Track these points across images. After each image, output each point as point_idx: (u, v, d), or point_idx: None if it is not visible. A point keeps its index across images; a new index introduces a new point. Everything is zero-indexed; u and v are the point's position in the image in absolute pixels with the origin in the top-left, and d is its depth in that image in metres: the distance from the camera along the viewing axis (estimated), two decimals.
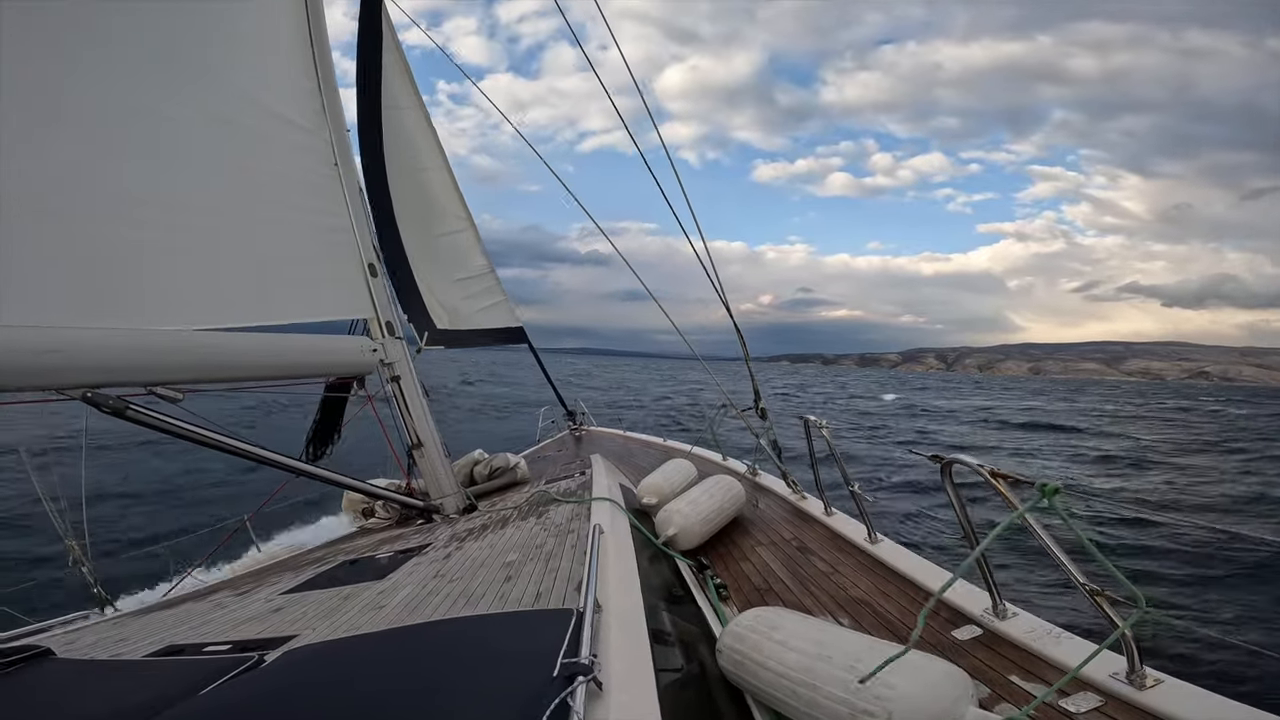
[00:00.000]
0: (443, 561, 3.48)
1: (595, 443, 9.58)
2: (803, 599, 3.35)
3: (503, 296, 7.94)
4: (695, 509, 4.31)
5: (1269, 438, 26.90)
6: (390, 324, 5.24)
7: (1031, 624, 2.65)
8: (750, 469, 6.15)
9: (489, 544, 3.69)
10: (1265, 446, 22.99)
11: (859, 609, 3.14)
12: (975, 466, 2.42)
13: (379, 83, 7.54)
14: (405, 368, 5.26)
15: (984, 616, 2.75)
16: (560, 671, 1.55)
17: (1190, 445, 23.76)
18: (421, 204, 7.51)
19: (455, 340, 7.38)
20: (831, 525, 4.33)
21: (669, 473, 5.20)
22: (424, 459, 5.42)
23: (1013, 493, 2.29)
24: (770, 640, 2.34)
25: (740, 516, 4.82)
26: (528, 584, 2.69)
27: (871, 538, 3.86)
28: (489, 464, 6.42)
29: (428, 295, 7.07)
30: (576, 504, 4.16)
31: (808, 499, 5.00)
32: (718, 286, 5.83)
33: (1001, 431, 28.84)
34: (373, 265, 5.18)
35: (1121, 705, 2.08)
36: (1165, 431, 29.04)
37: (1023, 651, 2.50)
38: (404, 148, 7.63)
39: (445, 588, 2.89)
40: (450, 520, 5.14)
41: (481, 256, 7.79)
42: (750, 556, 4.13)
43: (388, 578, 3.35)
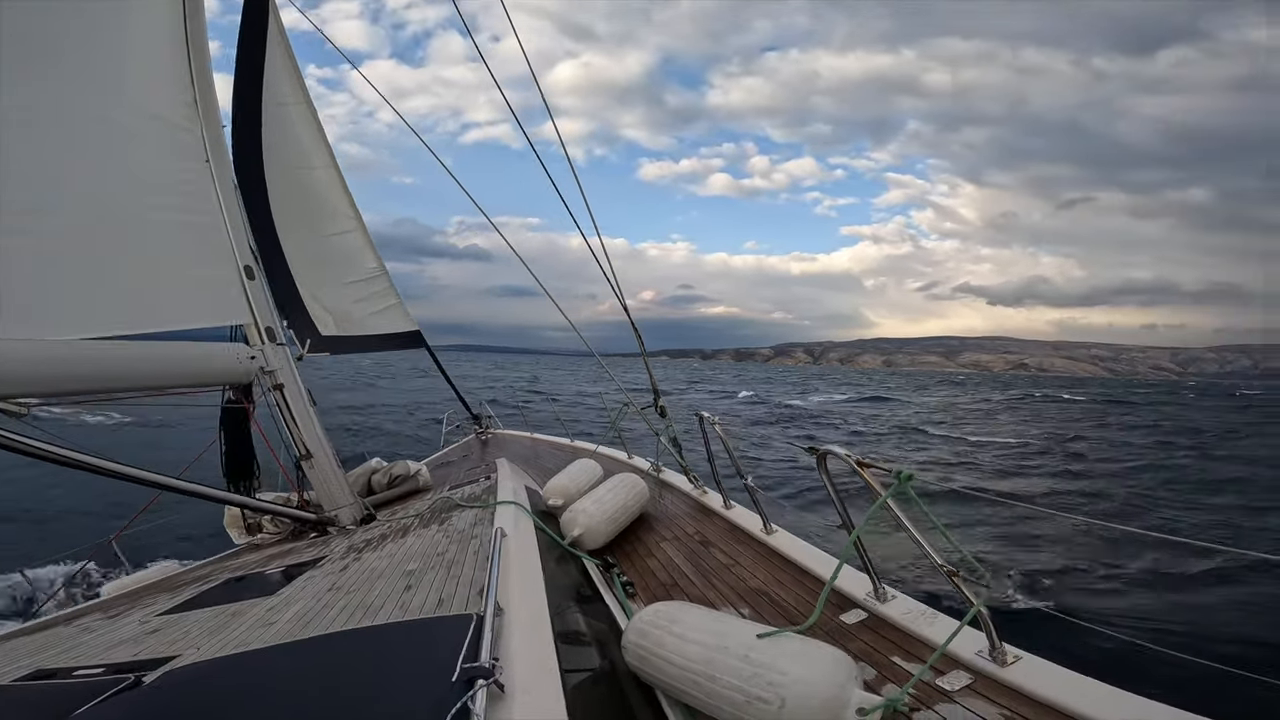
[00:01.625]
0: (339, 574, 3.35)
1: (502, 446, 9.44)
2: (706, 592, 3.43)
3: (396, 299, 7.65)
4: (600, 508, 4.34)
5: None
6: (270, 330, 4.96)
7: (908, 606, 2.80)
8: (654, 466, 6.25)
9: (388, 554, 3.59)
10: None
11: (758, 599, 3.24)
12: (844, 456, 2.59)
13: (260, 77, 7.10)
14: (289, 375, 5.00)
15: (867, 600, 2.88)
16: (460, 676, 1.55)
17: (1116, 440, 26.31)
18: (306, 204, 7.12)
19: (344, 346, 7.05)
20: (731, 518, 4.45)
21: (574, 473, 5.22)
22: (314, 470, 5.17)
23: (878, 480, 2.46)
24: (670, 634, 2.39)
25: (645, 513, 4.89)
26: (429, 592, 2.64)
27: (767, 529, 4.00)
28: (388, 472, 6.21)
29: (310, 300, 6.71)
30: (480, 509, 4.11)
31: (709, 493, 5.10)
32: (613, 282, 5.88)
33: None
34: (249, 268, 4.88)
35: (989, 682, 2.20)
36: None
37: (902, 633, 2.65)
38: (287, 145, 7.20)
39: (341, 600, 2.79)
40: (347, 532, 4.93)
41: (373, 258, 7.47)
42: (655, 553, 4.19)
43: (279, 593, 3.18)
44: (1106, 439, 24.43)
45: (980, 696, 2.16)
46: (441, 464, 8.86)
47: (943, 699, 2.18)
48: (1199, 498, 13.03)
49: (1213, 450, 20.74)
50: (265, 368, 4.82)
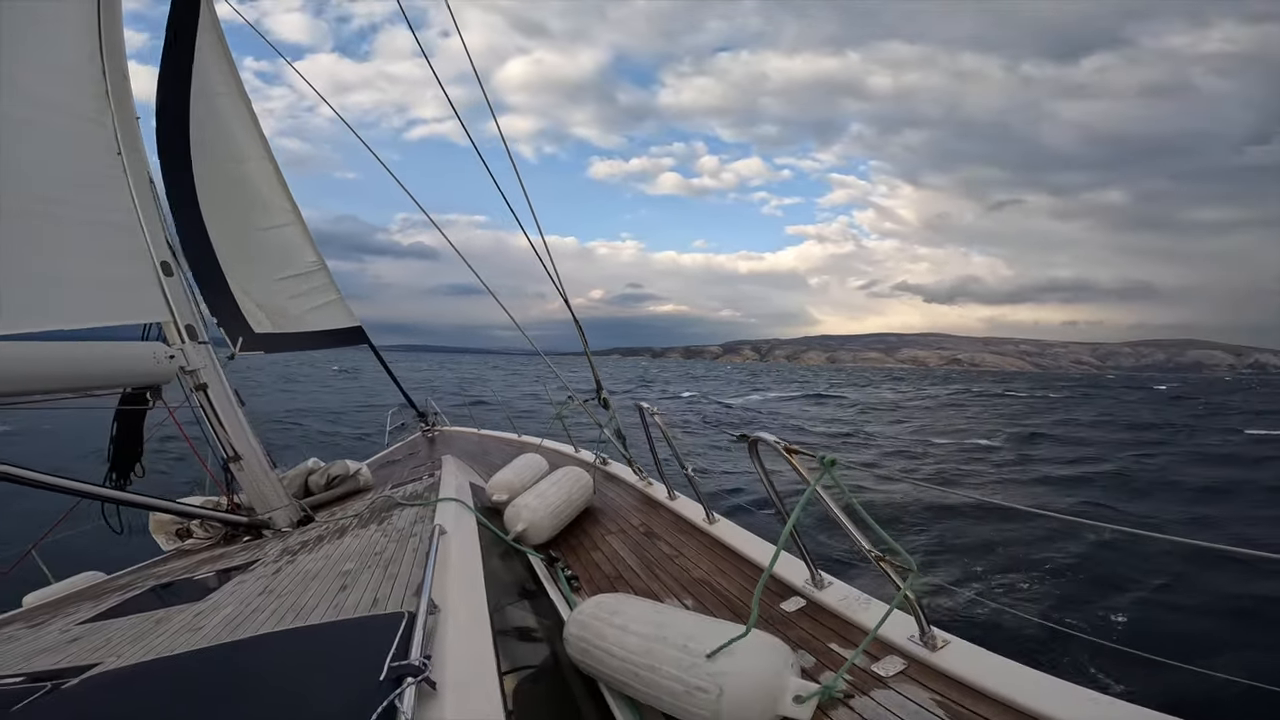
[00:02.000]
0: (271, 577, 3.24)
1: (449, 443, 9.33)
2: (650, 584, 3.45)
3: (336, 295, 7.43)
4: (543, 502, 4.32)
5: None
6: (191, 327, 4.76)
7: (844, 592, 2.85)
8: (599, 459, 6.24)
9: (324, 555, 3.48)
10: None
11: (700, 589, 3.26)
12: (773, 443, 2.64)
13: (189, 68, 6.81)
14: (213, 375, 4.82)
15: (805, 587, 2.92)
16: (388, 675, 1.51)
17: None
18: (237, 198, 6.87)
19: (280, 344, 6.82)
20: (675, 509, 4.48)
21: (519, 468, 5.18)
22: (244, 472, 5.01)
23: (805, 467, 2.50)
24: (611, 626, 2.39)
25: (591, 507, 4.88)
26: (364, 592, 2.58)
27: (709, 518, 4.04)
28: (325, 472, 6.06)
29: (242, 296, 6.47)
30: (421, 507, 4.03)
31: (653, 485, 5.13)
32: (557, 281, 5.86)
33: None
34: (167, 264, 4.66)
35: (921, 667, 2.25)
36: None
37: (838, 619, 2.69)
38: (217, 138, 6.93)
39: (272, 604, 2.70)
40: (282, 535, 4.79)
41: (311, 252, 7.24)
42: (600, 546, 4.20)
43: (207, 598, 3.07)
44: (1075, 436, 24.83)
45: (913, 682, 2.20)
46: (385, 463, 8.70)
47: (878, 685, 2.21)
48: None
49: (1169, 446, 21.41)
50: (186, 367, 4.64)
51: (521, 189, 5.90)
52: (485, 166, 5.92)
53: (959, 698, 2.06)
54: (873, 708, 2.10)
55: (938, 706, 2.04)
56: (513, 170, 5.79)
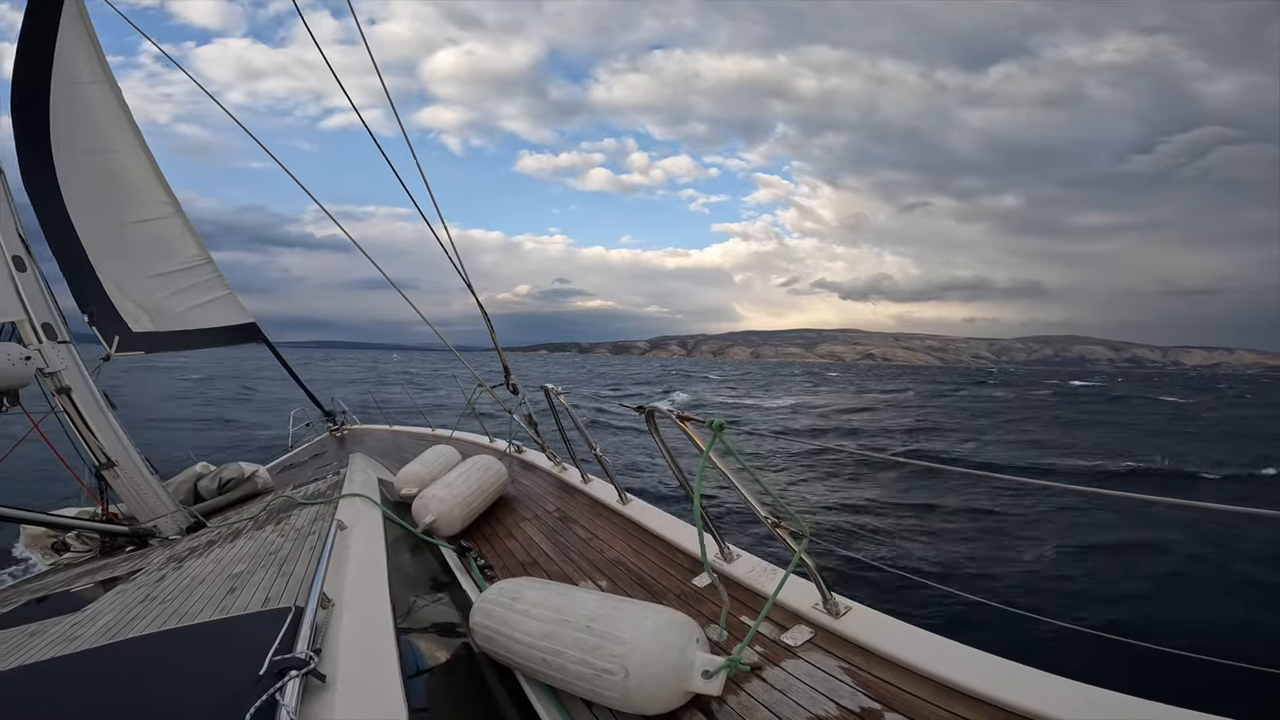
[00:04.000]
0: (154, 585, 3.09)
1: (360, 442, 9.00)
2: (564, 567, 3.41)
3: (225, 290, 7.00)
4: (452, 493, 4.22)
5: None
6: (50, 326, 4.43)
7: (752, 564, 2.83)
8: (514, 447, 6.16)
9: (214, 560, 3.35)
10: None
11: (614, 569, 3.23)
12: (666, 412, 2.64)
13: (50, 54, 6.26)
14: (76, 376, 4.50)
15: (716, 561, 2.87)
16: (269, 669, 1.47)
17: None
18: (107, 191, 6.37)
19: (162, 343, 6.41)
20: (590, 492, 4.44)
21: (429, 460, 5.07)
22: (120, 479, 4.71)
23: (699, 433, 2.49)
24: (514, 612, 2.34)
25: (506, 495, 4.80)
26: (255, 592, 2.49)
27: (622, 499, 4.01)
28: (216, 476, 5.76)
29: (116, 294, 6.04)
30: (323, 505, 3.90)
31: (568, 470, 5.06)
32: (461, 271, 5.76)
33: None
34: (19, 259, 4.32)
35: (827, 635, 2.23)
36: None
37: (747, 590, 2.67)
38: (82, 128, 6.38)
39: (154, 611, 2.58)
40: (169, 542, 4.55)
41: (194, 246, 6.79)
42: (515, 533, 4.13)
43: (84, 609, 2.91)
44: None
45: (820, 650, 2.19)
46: (289, 465, 8.36)
47: (788, 655, 2.20)
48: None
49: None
50: (45, 369, 4.31)
51: (423, 180, 5.74)
52: (386, 159, 5.75)
53: (864, 664, 2.06)
54: (783, 678, 2.09)
55: (844, 674, 2.04)
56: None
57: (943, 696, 1.83)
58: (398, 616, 2.26)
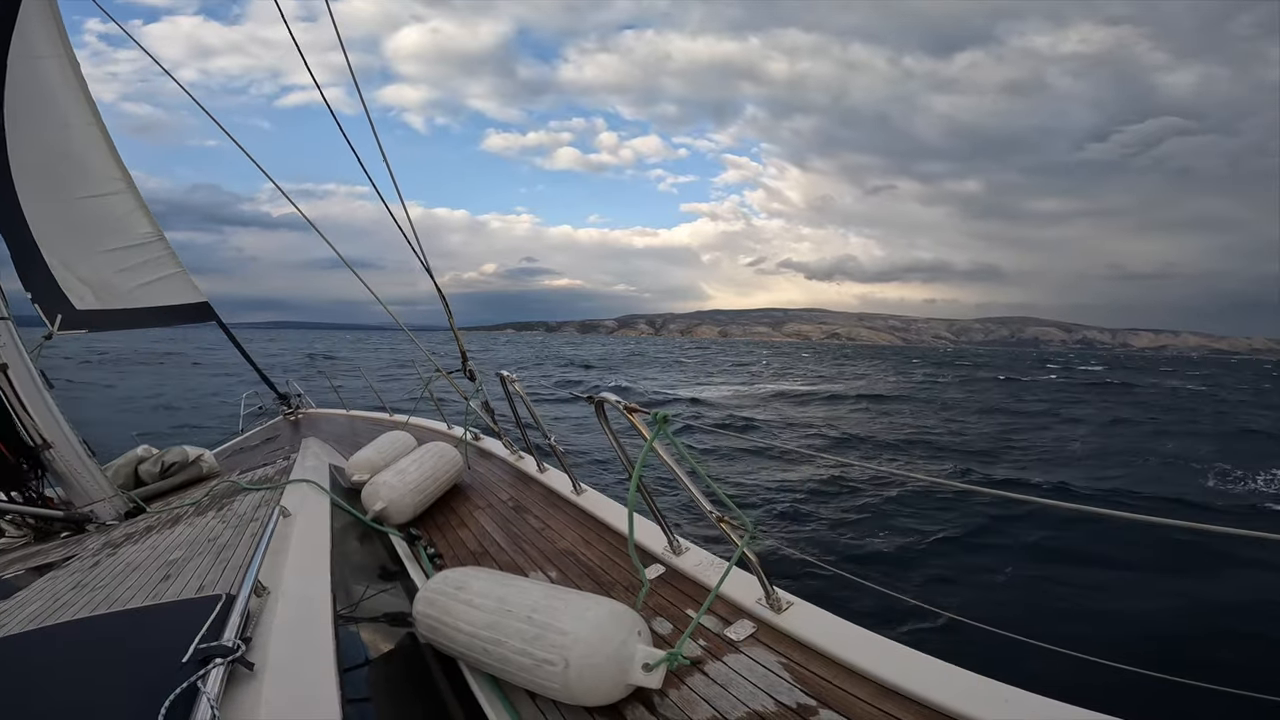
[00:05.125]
0: (87, 571, 3.00)
1: (315, 426, 8.85)
2: (515, 558, 3.38)
3: (177, 268, 6.81)
4: (403, 479, 4.15)
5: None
6: None
7: (699, 557, 2.84)
8: (471, 434, 6.08)
9: (150, 546, 3.25)
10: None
11: (565, 560, 3.22)
12: (614, 402, 2.61)
13: (10, 27, 6.05)
14: (13, 354, 4.33)
15: (664, 554, 2.89)
16: (193, 656, 1.42)
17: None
18: (57, 165, 6.17)
19: (107, 322, 6.23)
20: (545, 481, 4.40)
21: (382, 446, 5.00)
22: (56, 462, 4.56)
23: (646, 424, 2.47)
24: (458, 601, 2.32)
25: (460, 484, 4.75)
26: (190, 579, 2.43)
27: (577, 489, 3.98)
28: (159, 460, 5.61)
29: (61, 270, 5.86)
30: (268, 490, 3.80)
31: (525, 458, 5.02)
32: (419, 252, 5.64)
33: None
34: None
35: (768, 630, 2.24)
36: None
37: (693, 583, 2.67)
38: (35, 102, 6.19)
39: (84, 598, 2.51)
40: (106, 528, 4.42)
41: (146, 223, 6.60)
42: (467, 522, 4.07)
43: (12, 596, 2.80)
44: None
45: (761, 645, 2.19)
46: (239, 450, 8.16)
47: (729, 649, 2.20)
48: None
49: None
50: None
51: (382, 157, 5.60)
52: (344, 134, 5.56)
53: (803, 660, 2.07)
54: (724, 672, 2.09)
55: (783, 669, 2.04)
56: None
57: (878, 696, 1.85)
58: (341, 606, 2.23)
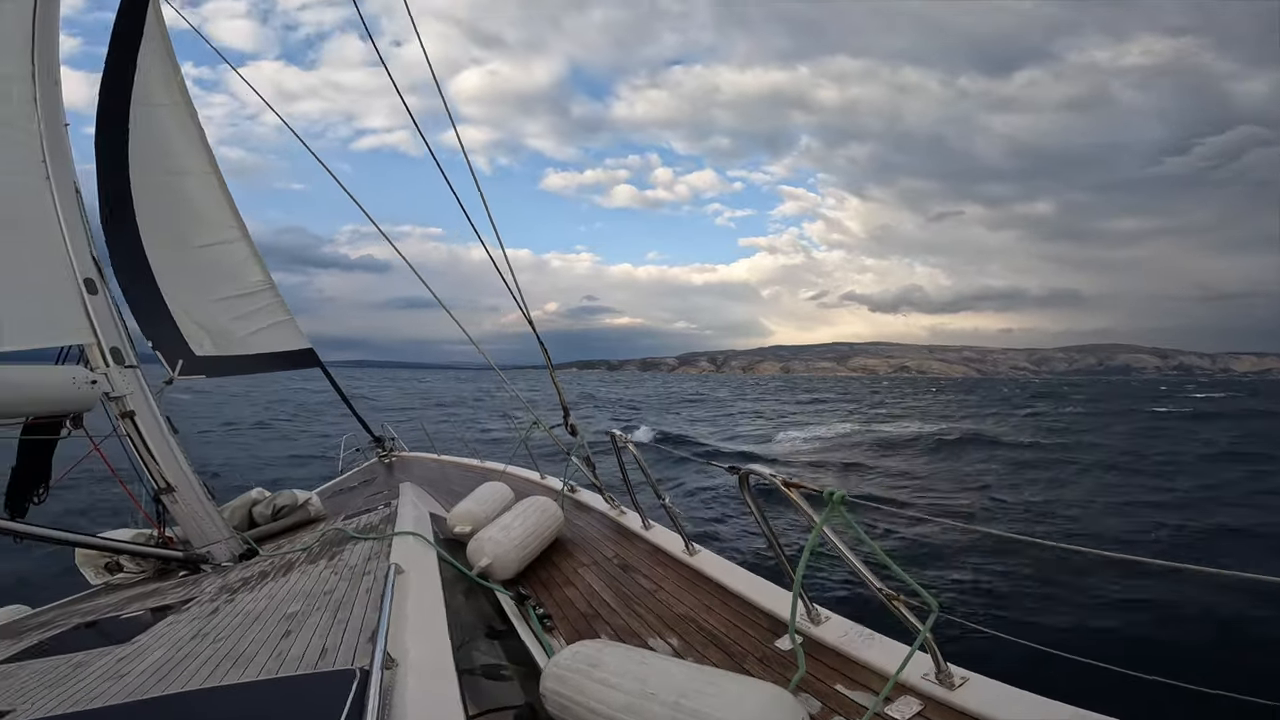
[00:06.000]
0: (207, 618, 3.01)
1: (407, 469, 9.01)
2: (629, 621, 3.25)
3: (286, 315, 7.08)
4: (508, 535, 4.08)
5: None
6: (118, 350, 4.42)
7: (844, 627, 2.67)
8: (567, 486, 5.98)
9: (267, 594, 3.25)
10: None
11: (684, 626, 3.08)
12: (769, 476, 2.44)
13: (132, 75, 6.49)
14: (141, 401, 4.48)
15: (801, 623, 2.70)
16: None
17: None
18: (177, 213, 6.52)
19: (223, 367, 6.46)
20: (651, 539, 4.29)
21: (482, 497, 4.93)
22: (178, 503, 4.67)
23: (807, 502, 2.32)
24: (591, 680, 2.19)
25: (561, 538, 4.64)
26: (311, 638, 2.38)
27: (689, 549, 3.85)
28: (271, 502, 5.73)
29: (182, 317, 6.11)
30: (376, 541, 3.80)
31: (626, 514, 4.93)
32: (516, 294, 5.62)
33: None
34: (91, 281, 4.34)
35: (939, 707, 2.11)
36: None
37: (841, 657, 2.50)
38: (156, 149, 6.59)
39: (207, 649, 2.49)
40: (222, 570, 4.48)
41: (258, 270, 6.90)
42: (574, 580, 3.98)
43: (134, 640, 2.83)
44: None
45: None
46: (339, 491, 8.36)
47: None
48: None
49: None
50: (111, 393, 4.29)
51: (481, 198, 5.66)
52: (443, 175, 5.69)
53: None
54: None
55: None
56: (469, 181, 5.57)
57: None
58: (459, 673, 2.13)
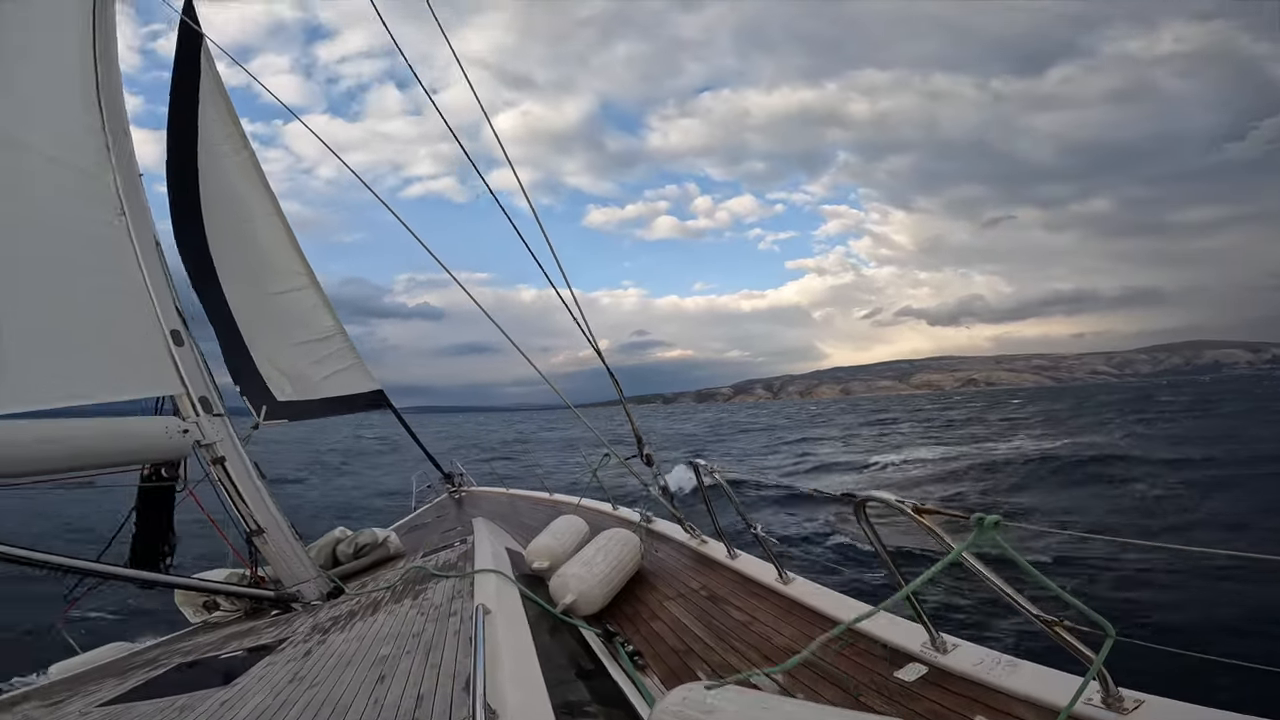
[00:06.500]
0: (301, 660, 3.07)
1: (477, 504, 9.09)
2: (726, 656, 3.07)
3: (355, 359, 7.28)
4: (591, 570, 3.95)
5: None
6: (206, 399, 4.59)
7: (979, 654, 2.45)
8: (644, 517, 5.84)
9: (357, 635, 3.29)
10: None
11: (787, 660, 2.89)
12: (896, 503, 2.23)
13: (194, 123, 6.78)
14: (230, 448, 4.62)
15: (925, 652, 2.53)
16: None
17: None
18: (251, 260, 6.80)
19: (302, 412, 6.66)
20: (738, 568, 4.09)
21: (558, 531, 4.85)
22: (268, 544, 4.80)
23: (943, 528, 2.14)
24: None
25: (641, 570, 4.49)
26: (405, 684, 2.38)
27: (783, 578, 3.64)
28: (353, 541, 5.83)
29: (264, 364, 6.36)
30: (458, 579, 3.80)
31: (708, 543, 4.74)
32: (586, 329, 5.52)
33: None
34: (177, 332, 4.54)
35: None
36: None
37: (979, 686, 2.30)
38: (225, 196, 6.82)
39: (305, 694, 2.52)
40: (311, 608, 4.58)
41: (328, 316, 7.13)
42: (660, 614, 3.80)
43: (234, 683, 2.90)
44: None
45: None
46: (414, 527, 8.48)
47: None
48: None
49: None
50: (201, 441, 4.46)
51: (543, 235, 5.60)
52: (507, 216, 5.63)
53: None
54: None
55: None
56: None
57: None
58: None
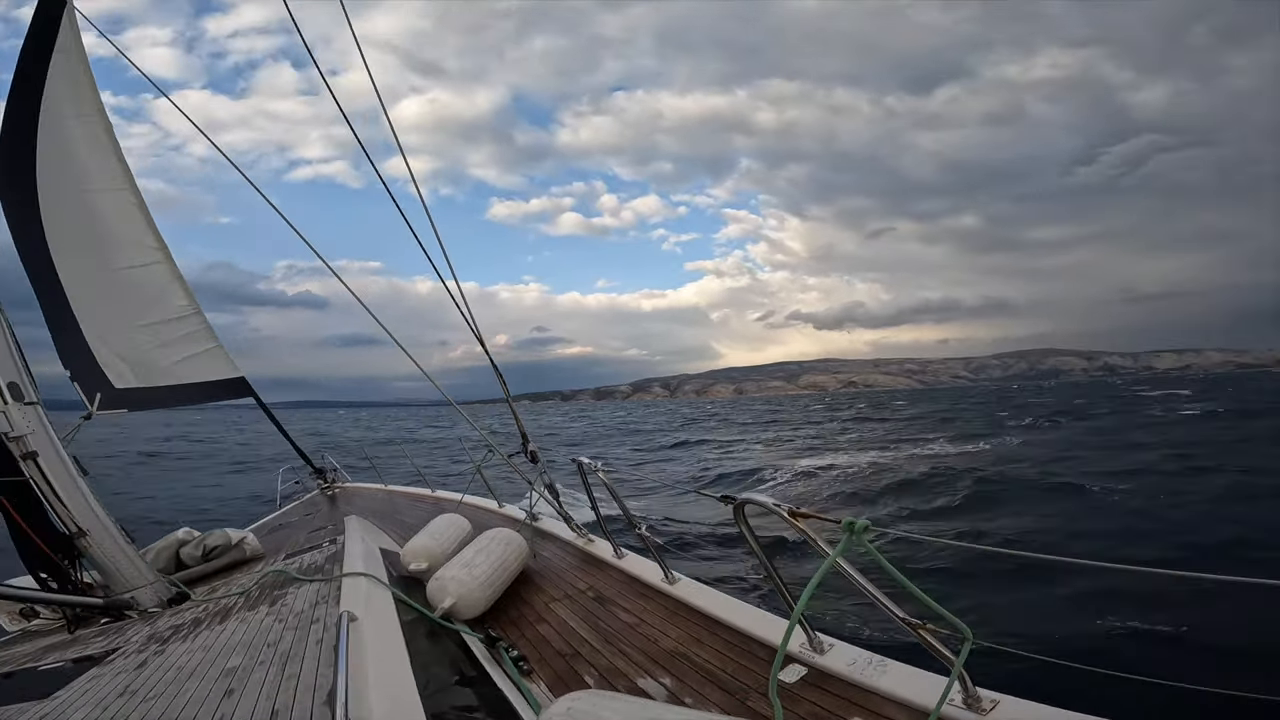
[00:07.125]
0: (134, 672, 2.75)
1: (351, 501, 8.61)
2: (614, 660, 3.05)
3: (214, 342, 6.64)
4: (472, 572, 3.83)
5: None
6: (16, 386, 4.07)
7: (852, 654, 2.53)
8: (529, 515, 5.77)
9: (202, 645, 2.99)
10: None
11: (676, 663, 2.88)
12: (772, 507, 2.23)
13: (40, 88, 6.05)
14: (45, 441, 4.13)
15: (804, 653, 2.58)
16: None
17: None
18: (92, 233, 6.06)
19: (147, 400, 6.02)
20: (625, 568, 4.11)
21: (438, 530, 4.70)
22: (94, 548, 4.32)
23: (818, 533, 2.19)
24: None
25: (526, 571, 4.41)
26: (258, 698, 2.16)
27: (669, 578, 3.69)
28: (201, 543, 5.35)
29: (99, 346, 5.69)
30: (323, 583, 3.54)
31: (595, 542, 4.73)
32: (472, 325, 5.34)
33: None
34: None
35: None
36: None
37: (854, 687, 2.36)
38: (68, 164, 6.12)
39: (138, 709, 2.26)
40: (149, 616, 4.15)
41: (183, 295, 6.46)
42: (546, 616, 3.75)
43: (54, 696, 2.58)
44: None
45: None
46: (278, 527, 7.89)
47: None
48: None
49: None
50: (9, 434, 3.94)
51: (432, 228, 5.33)
52: (398, 207, 5.32)
53: None
54: None
55: None
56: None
57: None
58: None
